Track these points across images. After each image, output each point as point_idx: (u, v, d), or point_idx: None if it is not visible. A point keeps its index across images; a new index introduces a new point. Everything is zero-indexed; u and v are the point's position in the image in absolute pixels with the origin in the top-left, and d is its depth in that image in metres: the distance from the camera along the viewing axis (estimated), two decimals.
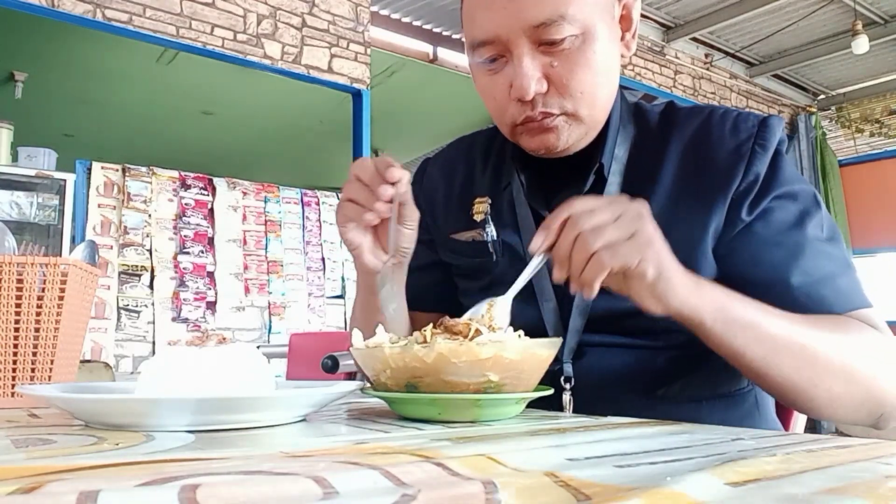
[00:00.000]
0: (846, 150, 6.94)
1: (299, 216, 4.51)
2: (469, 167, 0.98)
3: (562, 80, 0.76)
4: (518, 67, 0.75)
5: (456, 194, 0.96)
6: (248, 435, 0.49)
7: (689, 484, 0.30)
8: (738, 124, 0.81)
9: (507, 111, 0.80)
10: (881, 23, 5.48)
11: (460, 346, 0.54)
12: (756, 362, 0.69)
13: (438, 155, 1.06)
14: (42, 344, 0.78)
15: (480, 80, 0.82)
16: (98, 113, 5.88)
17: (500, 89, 0.79)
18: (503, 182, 0.91)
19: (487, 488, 0.30)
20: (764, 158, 0.77)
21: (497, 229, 0.88)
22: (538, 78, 0.75)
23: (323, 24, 4.13)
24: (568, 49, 0.75)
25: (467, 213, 0.92)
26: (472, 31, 0.79)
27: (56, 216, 3.43)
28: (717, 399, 0.80)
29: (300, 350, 2.23)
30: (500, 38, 0.75)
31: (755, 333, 0.67)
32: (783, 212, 0.76)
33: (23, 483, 0.30)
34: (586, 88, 0.77)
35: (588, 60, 0.76)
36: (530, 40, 0.75)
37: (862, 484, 0.30)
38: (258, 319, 4.17)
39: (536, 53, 0.75)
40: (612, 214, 0.62)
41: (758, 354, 0.68)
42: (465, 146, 1.02)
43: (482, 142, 1.00)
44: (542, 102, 0.77)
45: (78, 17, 3.30)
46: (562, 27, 0.73)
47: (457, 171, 0.99)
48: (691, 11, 5.39)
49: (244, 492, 0.29)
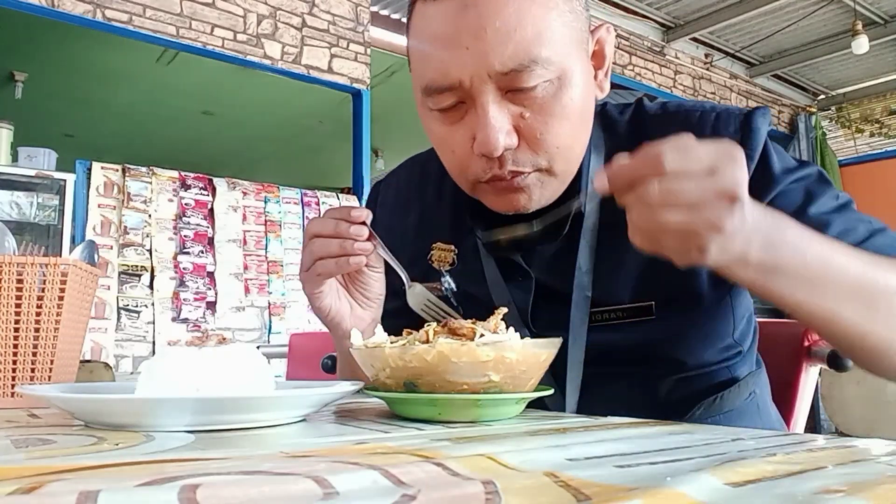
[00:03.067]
0: (846, 151, 6.94)
1: (299, 216, 4.51)
2: (423, 202, 0.87)
3: (535, 133, 0.65)
4: (483, 118, 0.63)
5: (411, 236, 0.84)
6: (248, 435, 0.49)
7: (689, 484, 0.30)
8: (718, 130, 0.72)
9: (468, 168, 0.68)
10: (881, 23, 5.49)
11: (462, 346, 0.54)
12: (816, 317, 0.59)
13: (390, 180, 0.95)
14: (42, 344, 0.78)
15: (435, 130, 0.70)
16: (98, 113, 5.88)
17: (460, 142, 0.67)
18: (466, 226, 0.80)
19: (487, 488, 0.30)
20: (751, 166, 0.69)
21: (458, 279, 0.78)
22: (508, 130, 0.64)
23: (323, 25, 4.13)
24: (541, 97, 0.64)
25: (424, 258, 0.81)
26: (424, 73, 0.67)
27: (56, 216, 3.43)
28: (721, 415, 0.77)
29: (300, 350, 2.23)
30: (462, 85, 0.64)
31: (811, 288, 0.57)
32: (788, 200, 0.69)
33: (23, 483, 0.30)
34: (562, 142, 0.66)
35: (564, 109, 0.65)
36: (497, 86, 0.63)
37: (862, 484, 0.30)
38: (258, 319, 4.17)
39: (504, 102, 0.64)
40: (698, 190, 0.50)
41: (816, 309, 0.58)
42: (416, 175, 0.90)
43: (434, 169, 0.84)
44: (511, 160, 0.65)
45: (78, 17, 3.30)
46: (534, 73, 0.62)
47: (411, 206, 0.87)
48: (691, 11, 5.40)
49: (244, 492, 0.29)
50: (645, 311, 0.74)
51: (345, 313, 0.75)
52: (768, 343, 0.95)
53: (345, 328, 0.73)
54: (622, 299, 0.75)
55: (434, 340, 0.56)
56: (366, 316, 0.77)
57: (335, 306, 0.74)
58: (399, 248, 0.77)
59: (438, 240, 0.81)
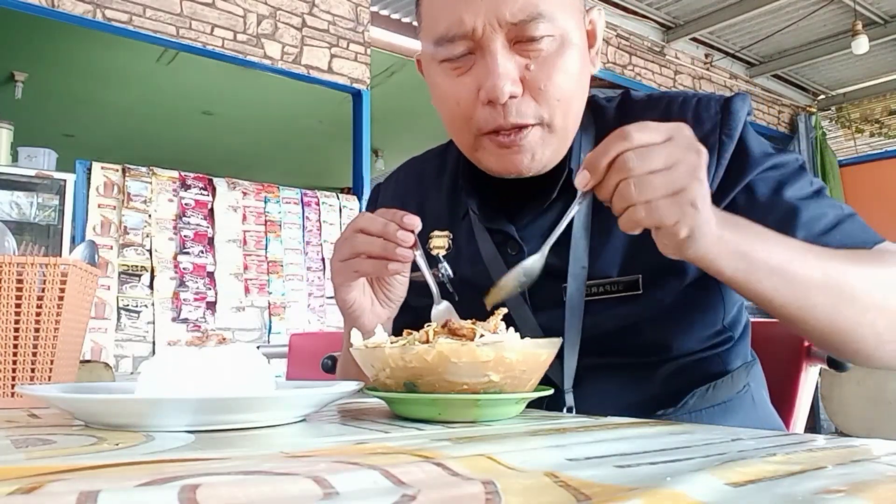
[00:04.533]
0: (846, 151, 6.94)
1: (299, 216, 4.51)
2: (420, 197, 0.91)
3: (538, 84, 0.70)
4: (492, 64, 0.69)
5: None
6: (248, 435, 0.49)
7: (689, 484, 0.30)
8: (699, 113, 0.76)
9: (471, 118, 0.72)
10: (881, 23, 5.49)
11: (462, 347, 0.54)
12: (788, 307, 0.64)
13: (388, 181, 1.00)
14: (42, 344, 0.78)
15: (442, 84, 0.74)
16: (98, 113, 5.88)
17: (466, 92, 0.72)
18: (460, 211, 0.84)
19: (487, 488, 0.30)
20: (731, 146, 0.74)
21: (454, 265, 0.79)
22: (513, 79, 0.69)
23: (323, 25, 4.13)
24: (545, 51, 0.70)
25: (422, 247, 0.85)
26: (437, 24, 0.72)
27: (56, 216, 3.43)
28: (716, 407, 0.79)
29: (300, 350, 2.23)
30: (474, 33, 0.69)
31: (783, 277, 0.62)
32: (764, 184, 0.73)
33: (23, 483, 0.30)
34: (563, 95, 0.71)
35: (565, 65, 0.71)
36: (506, 37, 0.69)
37: (862, 484, 0.30)
38: (258, 319, 4.17)
39: (511, 53, 0.70)
40: (664, 162, 0.56)
41: (789, 298, 0.63)
42: (414, 173, 0.96)
43: (431, 167, 0.92)
44: (514, 110, 0.70)
45: (78, 17, 3.30)
46: (541, 25, 0.69)
47: (409, 200, 0.91)
48: (691, 11, 5.39)
49: (244, 492, 0.29)
50: (633, 285, 0.76)
51: (366, 308, 0.76)
52: (768, 343, 0.95)
53: (363, 322, 0.75)
54: (610, 273, 0.77)
55: (434, 341, 0.56)
56: (383, 314, 0.78)
57: (359, 300, 0.75)
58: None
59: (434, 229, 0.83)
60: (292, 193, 4.49)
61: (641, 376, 0.78)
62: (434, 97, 0.78)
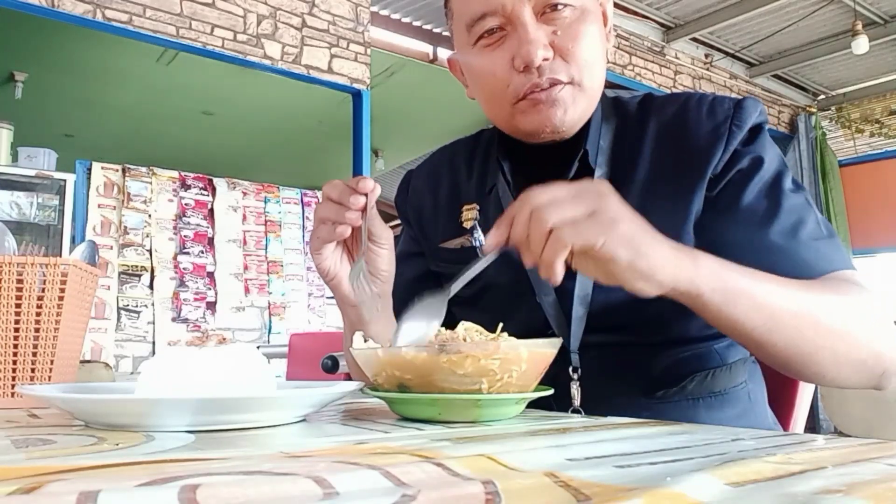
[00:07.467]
0: (846, 151, 6.94)
1: (299, 216, 4.51)
2: (453, 175, 0.97)
3: (566, 46, 0.77)
4: (524, 34, 0.76)
5: (443, 204, 0.95)
6: (248, 435, 0.49)
7: (689, 484, 0.30)
8: (714, 107, 0.82)
9: (509, 86, 0.79)
10: (881, 23, 5.48)
11: (465, 359, 0.54)
12: (757, 331, 0.66)
13: (421, 166, 1.05)
14: (42, 344, 0.78)
15: (478, 63, 0.82)
16: (98, 113, 5.88)
17: (501, 63, 0.79)
18: (488, 185, 0.90)
19: (487, 488, 0.30)
20: (740, 136, 0.79)
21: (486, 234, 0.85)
22: (544, 44, 0.76)
23: (323, 25, 4.13)
24: (569, 19, 0.77)
25: (456, 222, 0.91)
26: (469, 7, 0.80)
27: (56, 216, 3.43)
28: (713, 397, 0.81)
29: (300, 350, 2.23)
30: (504, 9, 0.77)
31: (753, 301, 0.65)
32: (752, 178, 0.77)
33: (23, 483, 0.30)
34: (588, 56, 0.78)
35: (587, 32, 0.78)
36: (533, 9, 0.77)
37: (862, 484, 0.30)
38: (258, 319, 4.17)
39: (539, 22, 0.77)
40: (568, 193, 0.58)
41: (758, 322, 0.66)
42: (447, 155, 1.02)
43: (464, 148, 0.99)
44: (548, 69, 0.77)
45: (78, 18, 3.29)
46: None
47: (441, 181, 0.98)
48: (691, 11, 5.39)
49: (244, 492, 0.29)
50: None
51: (343, 276, 0.78)
52: None
53: (343, 291, 0.78)
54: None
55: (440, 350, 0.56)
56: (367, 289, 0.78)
57: (333, 269, 0.77)
58: (433, 216, 0.95)
59: (465, 203, 0.91)
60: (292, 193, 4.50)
61: (643, 361, 0.80)
62: (471, 82, 0.86)
